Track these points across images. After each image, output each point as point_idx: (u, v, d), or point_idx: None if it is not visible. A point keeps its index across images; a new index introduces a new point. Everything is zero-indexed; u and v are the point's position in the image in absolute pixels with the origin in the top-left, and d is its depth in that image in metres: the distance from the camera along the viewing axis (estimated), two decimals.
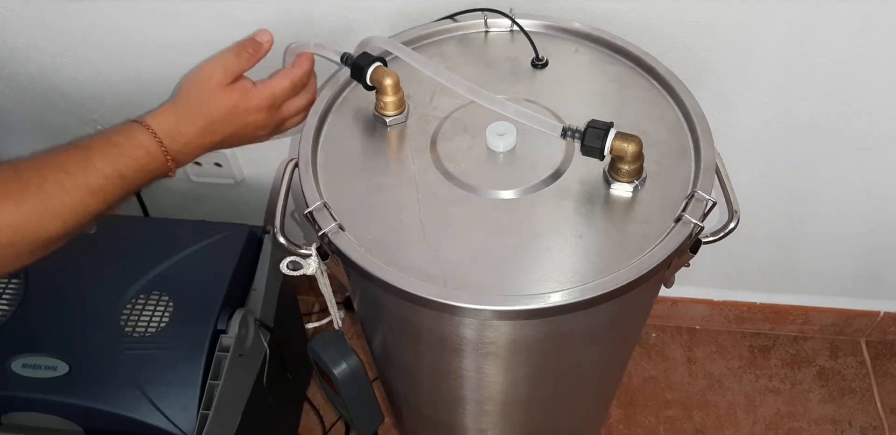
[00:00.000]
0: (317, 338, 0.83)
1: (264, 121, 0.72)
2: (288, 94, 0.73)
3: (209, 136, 0.69)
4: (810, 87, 0.91)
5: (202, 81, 0.69)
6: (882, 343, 1.39)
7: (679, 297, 1.35)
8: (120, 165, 0.64)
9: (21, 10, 0.90)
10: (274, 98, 0.71)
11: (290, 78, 0.72)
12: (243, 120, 0.70)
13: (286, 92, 0.72)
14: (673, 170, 0.68)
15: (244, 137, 0.72)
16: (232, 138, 0.71)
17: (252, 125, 0.71)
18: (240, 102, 0.69)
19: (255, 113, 0.71)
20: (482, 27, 0.79)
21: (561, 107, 0.72)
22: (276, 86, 0.72)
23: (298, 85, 0.73)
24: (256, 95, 0.70)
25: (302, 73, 0.73)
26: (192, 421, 0.83)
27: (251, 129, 0.72)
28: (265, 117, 0.71)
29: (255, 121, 0.71)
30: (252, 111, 0.70)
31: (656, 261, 0.61)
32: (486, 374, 0.74)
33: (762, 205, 1.10)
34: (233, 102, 0.69)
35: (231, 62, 0.70)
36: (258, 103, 0.70)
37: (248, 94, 0.70)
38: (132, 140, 0.66)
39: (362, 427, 0.92)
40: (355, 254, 0.62)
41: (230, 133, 0.70)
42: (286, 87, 0.72)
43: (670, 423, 1.31)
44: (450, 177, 0.68)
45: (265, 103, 0.71)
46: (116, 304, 0.89)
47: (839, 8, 0.81)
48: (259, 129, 0.72)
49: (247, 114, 0.70)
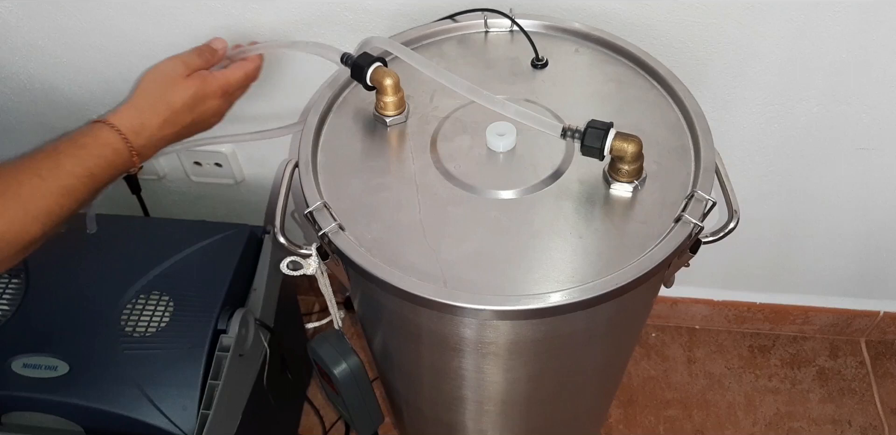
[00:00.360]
0: (317, 338, 0.83)
1: (219, 107, 0.76)
2: (240, 83, 0.77)
3: (171, 127, 0.72)
4: (810, 87, 0.91)
5: (163, 75, 0.72)
6: (882, 343, 1.39)
7: (679, 297, 1.35)
8: (90, 165, 0.67)
9: (21, 10, 0.90)
10: (228, 86, 0.75)
11: (244, 69, 0.77)
12: (202, 106, 0.74)
13: (239, 81, 0.77)
14: (673, 170, 0.68)
15: (200, 124, 0.76)
16: (190, 127, 0.75)
17: (208, 111, 0.75)
18: (199, 89, 0.73)
19: (213, 99, 0.74)
20: (482, 27, 0.79)
21: (561, 107, 0.72)
22: (231, 74, 0.76)
23: (251, 77, 0.78)
24: (214, 81, 0.74)
25: (254, 67, 0.78)
26: (192, 421, 0.83)
27: (207, 116, 0.75)
28: (220, 103, 0.76)
29: (211, 107, 0.75)
30: (210, 96, 0.74)
31: (656, 261, 0.61)
32: (486, 374, 0.74)
33: (762, 205, 1.10)
34: (194, 89, 0.72)
35: (192, 59, 0.74)
36: (214, 89, 0.74)
37: (207, 80, 0.74)
38: (98, 139, 0.68)
39: (362, 427, 0.93)
40: (355, 254, 0.63)
41: (189, 121, 0.74)
42: (240, 77, 0.77)
43: (670, 423, 1.31)
44: (450, 177, 0.68)
45: (220, 90, 0.75)
46: (116, 304, 0.89)
47: (839, 8, 0.81)
48: (213, 116, 0.76)
49: (205, 100, 0.74)
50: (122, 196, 1.13)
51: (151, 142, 0.71)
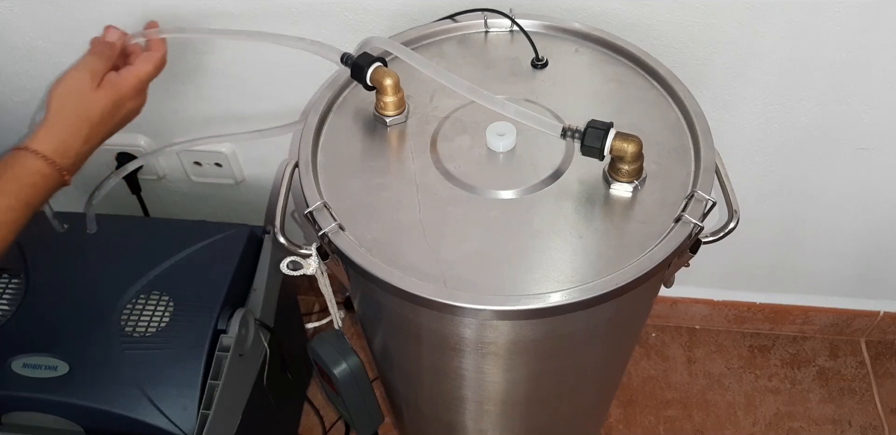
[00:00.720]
0: (317, 338, 0.83)
1: (139, 104, 0.76)
2: (152, 76, 0.77)
3: (95, 139, 0.72)
4: (810, 87, 0.91)
5: (74, 90, 0.71)
6: (882, 343, 1.39)
7: (679, 297, 1.35)
8: (23, 196, 0.67)
9: (21, 10, 0.90)
10: (141, 83, 0.75)
11: (152, 62, 0.77)
12: (121, 111, 0.74)
13: (150, 75, 0.77)
14: (673, 170, 0.68)
15: (122, 124, 0.76)
16: (113, 130, 0.75)
17: (131, 111, 0.76)
18: (115, 97, 0.73)
19: (130, 100, 0.75)
20: (482, 27, 0.79)
21: (561, 107, 0.72)
22: (141, 71, 0.75)
23: (160, 67, 0.78)
24: (126, 84, 0.74)
25: (160, 56, 0.78)
26: (192, 421, 0.83)
27: (131, 115, 0.76)
28: (139, 101, 0.76)
29: (131, 107, 0.75)
30: (126, 99, 0.74)
31: (656, 261, 0.61)
32: (486, 374, 0.74)
33: (762, 205, 1.10)
34: (110, 99, 0.72)
35: (96, 65, 0.73)
36: (129, 91, 0.74)
37: (119, 86, 0.73)
38: (26, 169, 0.68)
39: (362, 427, 0.93)
40: (355, 254, 0.63)
41: (111, 127, 0.74)
42: (150, 70, 0.76)
43: (670, 422, 1.31)
44: (450, 177, 0.68)
45: (134, 90, 0.75)
46: (116, 304, 0.89)
47: (839, 8, 0.81)
48: (133, 112, 0.77)
49: (123, 104, 0.74)
50: (122, 196, 1.13)
51: (80, 158, 0.71)
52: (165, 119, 1.05)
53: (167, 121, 1.05)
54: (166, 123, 1.05)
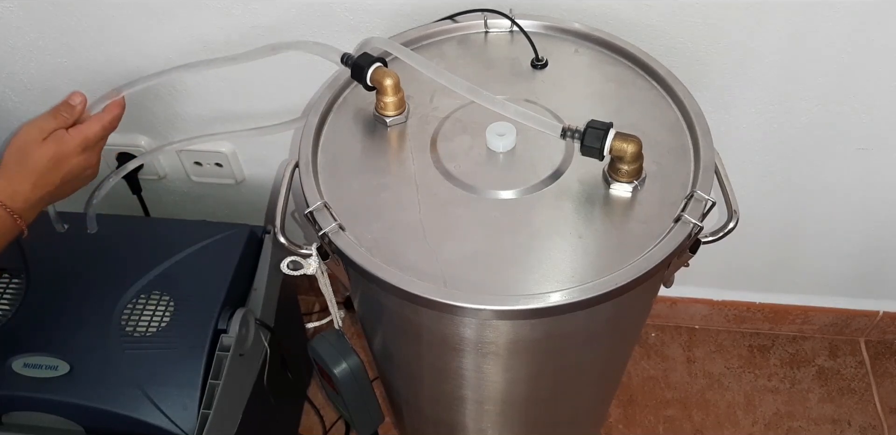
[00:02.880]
0: (317, 338, 0.83)
1: (86, 161, 0.77)
2: (99, 136, 0.79)
3: (44, 188, 0.74)
4: (810, 87, 0.92)
5: (21, 143, 0.74)
6: (881, 343, 1.39)
7: (679, 296, 1.35)
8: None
9: (21, 10, 0.90)
10: (87, 141, 0.77)
11: (100, 123, 0.78)
12: (67, 165, 0.75)
13: (97, 135, 0.78)
14: (672, 170, 0.68)
15: (74, 181, 0.77)
16: (65, 185, 0.76)
17: (77, 167, 0.76)
18: (58, 150, 0.75)
19: (76, 156, 0.76)
20: (482, 28, 0.79)
21: (560, 107, 0.72)
22: (87, 129, 0.77)
23: (108, 129, 0.79)
24: (71, 140, 0.76)
25: (111, 118, 0.79)
26: (192, 420, 0.83)
27: (78, 171, 0.77)
28: (85, 158, 0.77)
29: (77, 163, 0.76)
30: (72, 155, 0.75)
31: (655, 261, 0.61)
32: (486, 373, 0.74)
33: (762, 205, 1.10)
34: (52, 151, 0.74)
35: (47, 123, 0.76)
36: (74, 147, 0.76)
37: (63, 140, 0.75)
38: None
39: (362, 427, 0.93)
40: (355, 254, 0.63)
41: (60, 179, 0.75)
42: (97, 130, 0.78)
43: (670, 422, 1.31)
44: (450, 177, 0.68)
45: (80, 146, 0.76)
46: (117, 304, 0.89)
47: (839, 8, 0.81)
48: (86, 169, 0.78)
49: (68, 158, 0.75)
50: (122, 196, 1.13)
51: (29, 204, 0.73)
52: (165, 119, 1.05)
53: (167, 121, 1.05)
54: (166, 123, 1.05)
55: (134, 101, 1.02)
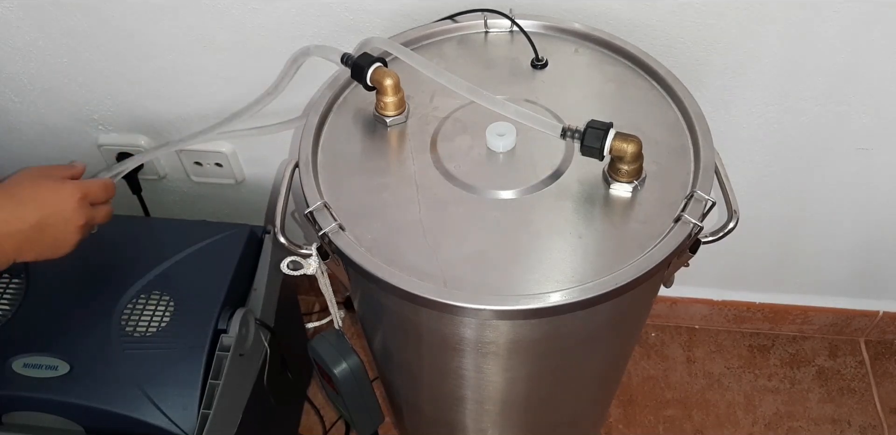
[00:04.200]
0: (317, 338, 0.83)
1: (73, 211, 0.70)
2: (99, 193, 0.74)
3: (16, 223, 0.67)
4: (810, 88, 0.92)
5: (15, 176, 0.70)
6: (881, 343, 1.39)
7: (678, 296, 1.35)
8: None
9: (21, 10, 0.90)
10: (86, 190, 0.72)
11: (103, 181, 0.75)
12: (52, 206, 0.69)
13: (98, 191, 0.73)
14: (672, 170, 0.68)
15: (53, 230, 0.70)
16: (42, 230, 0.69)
17: (61, 214, 0.70)
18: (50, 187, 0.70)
19: (66, 200, 0.70)
20: (482, 28, 0.79)
21: (560, 107, 0.72)
22: (90, 181, 0.74)
23: (109, 189, 0.75)
24: (66, 183, 0.71)
25: (112, 184, 0.76)
26: (192, 420, 0.83)
27: (60, 220, 0.70)
28: (74, 207, 0.70)
29: (64, 209, 0.70)
30: (62, 198, 0.70)
31: (655, 261, 0.61)
32: (485, 373, 0.74)
33: (762, 205, 1.10)
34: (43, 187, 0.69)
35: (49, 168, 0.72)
36: (70, 190, 0.71)
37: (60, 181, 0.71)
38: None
39: (362, 427, 0.93)
40: (355, 254, 0.63)
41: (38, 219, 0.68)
42: (99, 185, 0.74)
43: (670, 422, 1.31)
44: (450, 177, 0.68)
45: (77, 192, 0.71)
46: (116, 304, 0.89)
47: (839, 8, 0.81)
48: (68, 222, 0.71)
49: (56, 200, 0.69)
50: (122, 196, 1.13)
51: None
52: (165, 119, 1.05)
53: (167, 121, 1.05)
54: (166, 123, 1.06)
55: (131, 99, 1.03)
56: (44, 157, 1.13)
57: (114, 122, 1.06)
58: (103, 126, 1.07)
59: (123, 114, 1.05)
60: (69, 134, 1.09)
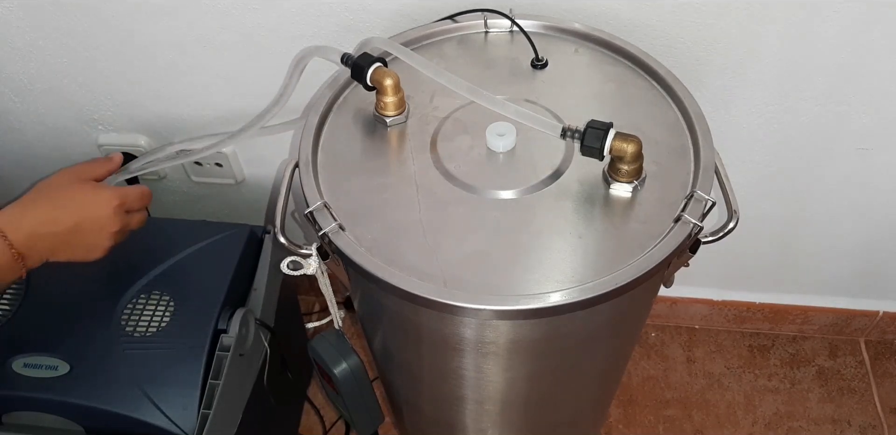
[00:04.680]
0: (317, 337, 0.83)
1: (109, 218, 0.71)
2: (135, 201, 0.74)
3: (52, 225, 0.68)
4: (810, 88, 0.92)
5: (54, 178, 0.71)
6: (881, 343, 1.39)
7: (678, 296, 1.35)
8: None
9: (21, 10, 0.90)
10: (124, 197, 0.72)
11: (140, 189, 0.76)
12: (89, 211, 0.70)
13: (135, 199, 0.74)
14: (672, 170, 0.68)
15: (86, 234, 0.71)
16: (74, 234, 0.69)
17: (98, 220, 0.70)
18: (90, 191, 0.70)
19: (104, 206, 0.71)
20: (482, 28, 0.79)
21: (560, 107, 0.72)
22: (127, 188, 0.74)
23: (146, 198, 0.76)
24: (106, 189, 0.72)
25: (149, 192, 0.77)
26: (192, 420, 0.83)
27: (96, 226, 0.70)
28: (110, 214, 0.71)
29: (101, 215, 0.70)
30: (101, 204, 0.70)
31: (655, 261, 0.61)
32: (485, 373, 0.74)
33: (762, 205, 1.10)
34: (83, 191, 0.70)
35: (86, 167, 0.73)
36: (107, 197, 0.71)
37: (99, 187, 0.72)
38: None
39: (362, 427, 0.93)
40: (355, 254, 0.63)
41: (75, 223, 0.69)
42: (136, 193, 0.74)
43: (670, 422, 1.31)
44: (450, 177, 0.68)
45: (114, 199, 0.71)
46: (116, 304, 0.89)
47: (839, 8, 0.81)
48: (103, 228, 0.71)
49: (95, 205, 0.70)
50: None
51: (34, 240, 0.66)
52: (165, 119, 1.05)
53: (167, 121, 1.05)
54: (166, 123, 1.06)
55: (131, 99, 1.03)
56: (44, 157, 1.13)
57: (114, 122, 1.06)
58: (103, 126, 1.07)
59: (123, 114, 1.05)
60: (69, 134, 1.09)
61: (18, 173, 1.17)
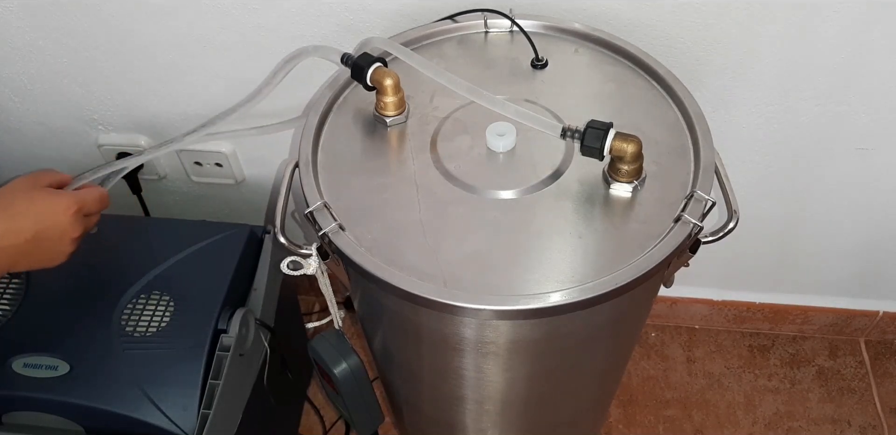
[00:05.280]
0: (317, 337, 0.83)
1: (69, 224, 0.70)
2: (94, 204, 0.72)
3: (12, 238, 0.66)
4: (810, 87, 0.92)
5: (7, 187, 0.69)
6: (881, 343, 1.39)
7: (678, 296, 1.35)
8: None
9: (21, 10, 0.90)
10: (82, 202, 0.70)
11: (98, 191, 0.73)
12: (48, 219, 0.68)
13: (94, 202, 0.72)
14: (672, 170, 0.68)
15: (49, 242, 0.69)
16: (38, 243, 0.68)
17: (57, 227, 0.69)
18: (46, 199, 0.69)
19: (62, 213, 0.69)
20: (482, 28, 0.79)
21: (560, 107, 0.72)
22: (84, 192, 0.72)
23: (104, 200, 0.74)
24: (63, 195, 0.70)
25: (107, 194, 0.75)
26: (192, 420, 0.83)
27: (56, 233, 0.69)
28: (70, 220, 0.70)
29: (60, 222, 0.69)
30: (59, 211, 0.69)
31: (655, 261, 0.61)
32: (485, 373, 0.74)
33: (762, 205, 1.10)
34: (39, 199, 0.68)
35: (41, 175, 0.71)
36: (66, 203, 0.69)
37: (55, 193, 0.70)
38: None
39: (362, 427, 0.93)
40: (355, 254, 0.63)
41: (34, 233, 0.67)
42: (94, 196, 0.72)
43: (670, 422, 1.31)
44: (450, 177, 0.68)
45: (73, 205, 0.70)
46: (116, 304, 0.89)
47: (838, 8, 0.81)
48: (64, 234, 0.70)
49: (53, 213, 0.69)
50: (122, 196, 1.13)
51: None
52: (165, 119, 1.05)
53: (167, 121, 1.05)
54: (166, 123, 1.06)
55: (131, 99, 1.03)
56: (44, 157, 1.13)
57: (114, 122, 1.06)
58: (103, 126, 1.07)
59: (123, 114, 1.05)
60: (69, 134, 1.09)
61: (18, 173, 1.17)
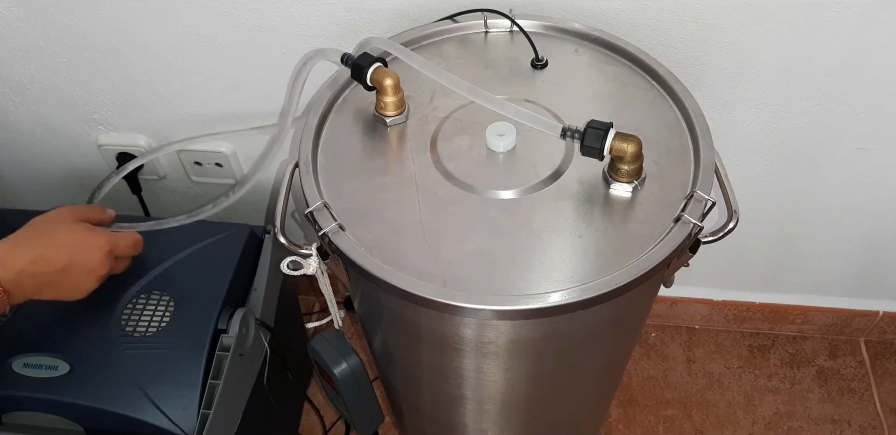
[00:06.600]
0: (317, 337, 0.83)
1: (99, 262, 0.73)
2: (128, 248, 0.76)
3: (43, 265, 0.68)
4: (810, 87, 0.92)
5: (52, 215, 0.71)
6: (881, 343, 1.39)
7: (678, 296, 1.35)
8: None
9: (21, 10, 0.90)
10: (115, 244, 0.74)
11: (133, 237, 0.79)
12: (81, 254, 0.71)
13: (128, 246, 0.76)
14: (672, 170, 0.68)
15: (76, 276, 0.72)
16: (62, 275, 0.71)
17: (88, 263, 0.72)
18: (85, 235, 0.72)
19: (96, 250, 0.72)
20: (482, 28, 0.79)
21: (560, 107, 0.72)
22: (120, 235, 0.76)
23: (138, 246, 0.79)
24: (101, 234, 0.73)
25: (141, 240, 0.80)
26: (192, 420, 0.83)
27: (85, 268, 0.72)
28: (101, 259, 0.73)
29: (92, 259, 0.72)
30: (94, 248, 0.72)
31: (655, 261, 0.61)
32: (485, 373, 0.74)
33: (761, 205, 1.10)
34: (78, 233, 0.71)
35: (85, 209, 0.74)
36: (101, 242, 0.72)
37: (94, 231, 0.73)
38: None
39: (362, 427, 0.93)
40: (355, 254, 0.63)
41: (65, 264, 0.70)
42: (129, 241, 0.76)
43: (670, 422, 1.31)
44: (450, 177, 0.68)
45: (107, 245, 0.73)
46: (116, 304, 0.89)
47: (838, 8, 0.81)
48: (91, 272, 0.73)
49: (87, 249, 0.71)
50: (122, 196, 1.13)
51: (22, 278, 0.67)
52: (165, 119, 1.05)
53: (167, 121, 1.05)
54: (166, 124, 1.06)
55: (131, 99, 1.03)
56: (44, 157, 1.13)
57: (114, 122, 1.06)
58: (103, 126, 1.07)
59: (123, 114, 1.05)
60: (69, 134, 1.09)
61: (18, 173, 1.18)
